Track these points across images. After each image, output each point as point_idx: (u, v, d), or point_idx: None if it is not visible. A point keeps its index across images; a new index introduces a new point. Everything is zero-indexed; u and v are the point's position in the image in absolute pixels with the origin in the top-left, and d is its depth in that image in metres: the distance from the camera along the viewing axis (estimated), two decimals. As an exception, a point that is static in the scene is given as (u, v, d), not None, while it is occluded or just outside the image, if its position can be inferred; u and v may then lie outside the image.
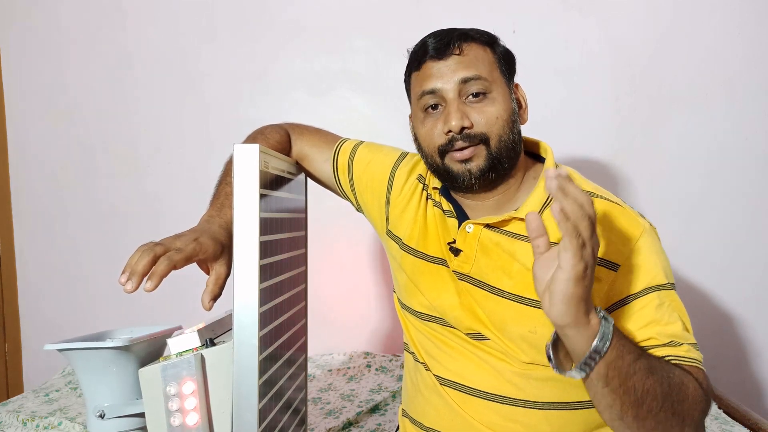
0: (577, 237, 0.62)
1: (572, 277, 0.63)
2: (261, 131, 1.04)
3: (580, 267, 0.63)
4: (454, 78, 0.87)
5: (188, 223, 0.89)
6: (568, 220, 0.61)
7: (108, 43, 1.94)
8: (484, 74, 0.87)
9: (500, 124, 0.87)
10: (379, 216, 1.06)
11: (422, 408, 0.97)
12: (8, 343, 2.03)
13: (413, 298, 0.99)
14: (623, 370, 0.68)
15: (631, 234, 0.83)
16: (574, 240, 0.62)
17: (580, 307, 0.65)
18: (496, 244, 0.89)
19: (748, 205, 1.79)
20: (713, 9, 1.76)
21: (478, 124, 0.86)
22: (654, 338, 0.79)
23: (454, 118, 0.85)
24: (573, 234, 0.61)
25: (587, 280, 0.64)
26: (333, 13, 1.87)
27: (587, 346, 0.67)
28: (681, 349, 0.78)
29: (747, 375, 1.84)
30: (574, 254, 0.62)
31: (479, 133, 0.86)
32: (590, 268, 0.64)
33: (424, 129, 0.91)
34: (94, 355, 0.86)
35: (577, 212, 0.61)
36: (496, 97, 0.87)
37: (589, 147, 1.82)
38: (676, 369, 0.75)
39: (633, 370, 0.68)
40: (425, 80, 0.89)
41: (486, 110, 0.87)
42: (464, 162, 0.87)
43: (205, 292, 0.79)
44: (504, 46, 0.93)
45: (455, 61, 0.87)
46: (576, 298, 0.64)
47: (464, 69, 0.87)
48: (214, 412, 0.74)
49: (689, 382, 0.74)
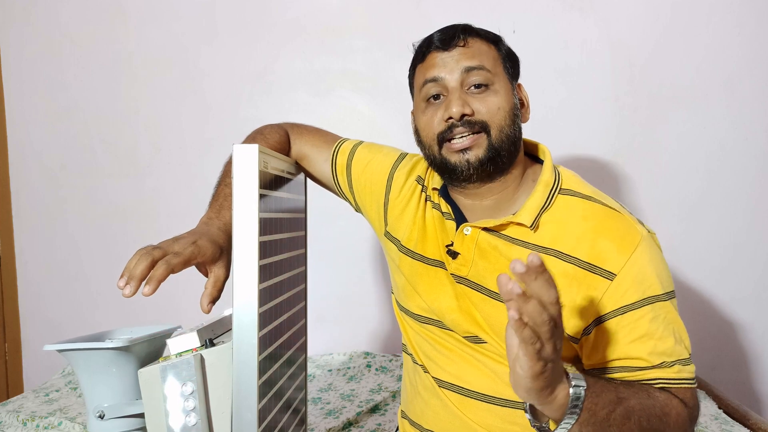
0: (534, 343, 0.61)
1: (530, 376, 0.63)
2: (260, 131, 1.04)
3: (538, 367, 0.63)
4: (457, 67, 0.87)
5: (188, 223, 0.89)
6: (525, 328, 0.60)
7: (108, 43, 1.94)
8: (487, 65, 0.87)
9: (502, 115, 0.87)
10: (378, 217, 1.05)
11: (421, 409, 0.97)
12: (8, 343, 2.03)
13: (411, 300, 0.98)
14: (597, 424, 0.71)
15: (628, 242, 0.82)
16: (530, 347, 0.61)
17: (542, 393, 0.66)
18: (494, 247, 0.89)
19: (748, 205, 1.79)
20: (713, 9, 1.76)
21: (479, 113, 0.86)
22: (644, 359, 0.80)
23: (455, 105, 0.85)
24: (529, 341, 0.61)
25: (548, 372, 0.64)
26: (333, 13, 1.87)
27: (559, 415, 0.69)
28: (671, 371, 0.80)
29: (747, 375, 1.84)
30: (531, 358, 0.62)
31: (480, 121, 0.86)
32: (551, 362, 0.64)
33: (425, 117, 0.91)
34: (94, 356, 0.86)
35: (536, 318, 0.60)
36: (499, 90, 0.88)
37: (588, 147, 1.82)
38: (660, 398, 0.77)
39: (608, 422, 0.71)
40: (428, 69, 0.90)
41: (488, 100, 0.87)
42: (463, 152, 0.86)
43: (204, 295, 0.79)
44: (509, 47, 0.94)
45: (459, 52, 0.88)
46: (536, 390, 0.65)
47: (468, 59, 0.87)
48: (213, 413, 0.74)
49: (671, 410, 0.77)
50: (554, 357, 0.64)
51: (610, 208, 0.87)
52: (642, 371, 0.80)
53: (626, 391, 0.75)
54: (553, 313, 0.61)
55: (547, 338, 0.61)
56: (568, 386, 0.68)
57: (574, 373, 0.70)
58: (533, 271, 0.59)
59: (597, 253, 0.82)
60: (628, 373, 0.81)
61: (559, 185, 0.89)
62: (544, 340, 0.61)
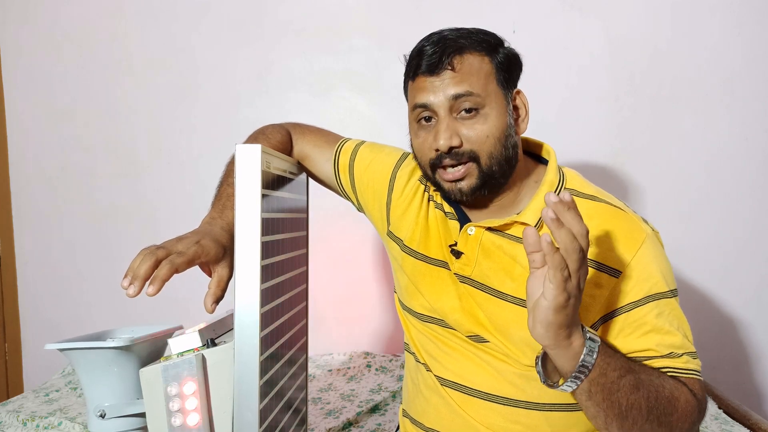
0: (563, 270, 0.63)
1: (553, 307, 0.65)
2: (262, 131, 1.04)
3: (562, 298, 0.64)
4: (444, 94, 0.85)
5: (188, 223, 0.89)
6: (556, 253, 0.62)
7: (108, 43, 1.94)
8: (476, 90, 0.84)
9: (491, 142, 0.85)
10: (380, 217, 1.06)
11: (423, 408, 0.97)
12: (8, 343, 2.03)
13: (414, 299, 0.99)
14: (606, 386, 0.71)
15: (633, 240, 0.83)
16: (558, 273, 0.63)
17: (560, 333, 0.67)
18: (498, 247, 0.89)
19: (748, 204, 1.80)
20: (713, 9, 1.76)
21: (468, 141, 0.85)
22: (653, 350, 0.80)
23: (442, 137, 0.84)
24: (558, 267, 0.63)
25: (570, 308, 0.66)
26: (333, 13, 1.87)
27: (571, 366, 0.69)
28: (679, 361, 0.80)
29: (747, 376, 1.84)
30: (557, 286, 0.64)
31: (468, 151, 0.85)
32: (574, 298, 0.66)
33: (418, 141, 0.91)
34: (95, 355, 0.86)
35: (568, 245, 0.62)
36: (489, 113, 0.85)
37: (588, 147, 1.82)
38: (670, 381, 0.77)
39: (617, 387, 0.71)
40: (418, 93, 0.88)
41: (476, 128, 0.85)
42: (455, 182, 0.87)
43: (208, 294, 0.78)
44: (507, 50, 0.90)
45: (448, 77, 0.85)
46: (555, 325, 0.66)
47: (456, 85, 0.84)
48: (215, 413, 0.74)
49: (681, 395, 0.77)
50: (577, 293, 0.66)
51: (614, 206, 0.87)
52: (651, 360, 0.80)
53: (637, 366, 0.76)
54: (582, 245, 0.64)
55: (575, 268, 0.64)
56: (583, 337, 0.69)
57: (590, 330, 0.71)
58: (566, 204, 0.62)
59: (602, 251, 0.83)
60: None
61: (563, 185, 0.90)
62: (572, 270, 0.64)
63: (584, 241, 0.64)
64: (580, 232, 0.63)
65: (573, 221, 0.63)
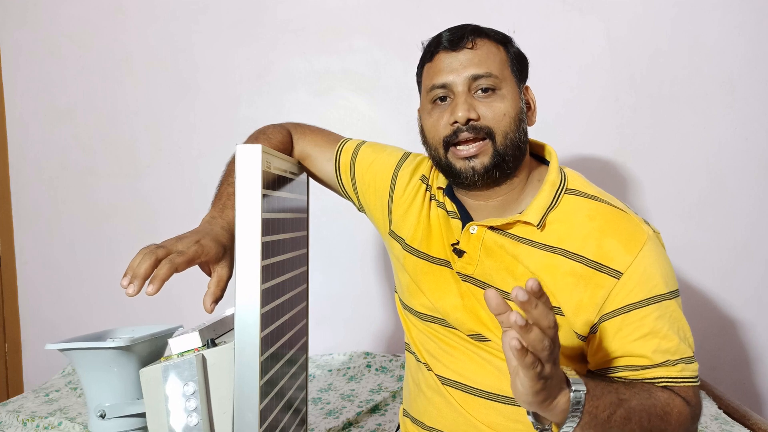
0: (535, 367, 0.62)
1: (531, 393, 0.64)
2: (263, 131, 1.04)
3: (538, 386, 0.64)
4: (464, 73, 0.87)
5: (188, 223, 0.89)
6: (527, 355, 0.61)
7: (108, 43, 1.94)
8: (494, 71, 0.87)
9: (507, 121, 0.87)
10: (382, 216, 1.06)
11: (424, 408, 0.97)
12: (8, 343, 2.03)
13: (415, 298, 0.99)
14: (599, 426, 0.71)
15: (634, 242, 0.83)
16: (531, 371, 0.62)
17: (543, 402, 0.66)
18: (500, 246, 0.89)
19: (749, 204, 1.80)
20: (713, 9, 1.76)
21: (485, 118, 0.86)
22: (648, 357, 0.81)
23: (460, 110, 0.85)
24: (530, 366, 0.62)
25: (548, 385, 0.65)
26: (333, 13, 1.87)
27: (560, 419, 0.69)
28: (674, 370, 0.81)
29: (747, 376, 1.84)
30: (531, 379, 0.63)
31: (485, 126, 0.86)
32: (551, 376, 0.64)
33: (431, 120, 0.91)
34: (95, 355, 0.86)
35: (537, 345, 0.61)
36: (506, 95, 0.87)
37: (589, 147, 1.82)
38: (662, 397, 0.78)
39: (609, 424, 0.72)
40: (436, 74, 0.89)
41: (494, 105, 0.87)
42: (468, 159, 0.87)
43: (207, 294, 0.78)
44: (518, 48, 0.93)
45: (467, 56, 0.87)
46: (537, 402, 0.66)
47: (475, 65, 0.87)
48: (215, 413, 0.74)
49: (673, 409, 0.78)
50: (553, 372, 0.65)
51: (615, 207, 0.87)
52: (645, 370, 0.81)
53: (627, 392, 0.76)
54: (552, 336, 0.62)
55: (546, 360, 0.63)
56: (568, 392, 0.68)
57: (574, 377, 0.70)
58: (534, 297, 0.60)
59: (604, 252, 0.83)
60: (632, 372, 0.81)
61: (565, 185, 0.90)
62: (544, 361, 0.62)
63: (553, 331, 0.62)
64: (548, 325, 0.61)
65: (541, 315, 0.61)
